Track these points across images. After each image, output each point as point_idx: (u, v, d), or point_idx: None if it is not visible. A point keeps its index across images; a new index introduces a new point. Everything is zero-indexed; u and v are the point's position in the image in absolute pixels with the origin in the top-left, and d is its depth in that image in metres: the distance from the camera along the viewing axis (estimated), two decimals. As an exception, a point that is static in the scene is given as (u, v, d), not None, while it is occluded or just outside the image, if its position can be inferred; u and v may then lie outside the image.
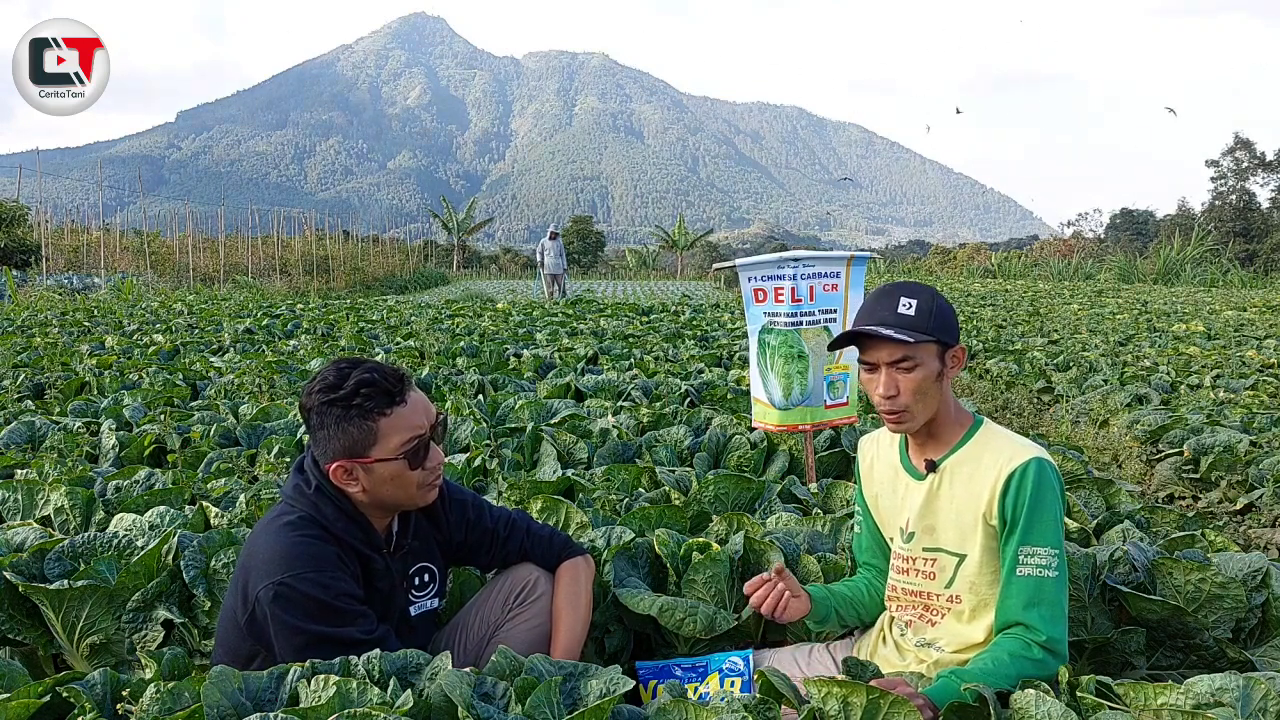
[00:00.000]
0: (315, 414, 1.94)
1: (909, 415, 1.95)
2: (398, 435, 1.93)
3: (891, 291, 1.96)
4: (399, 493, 1.98)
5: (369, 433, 1.92)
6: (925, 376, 1.92)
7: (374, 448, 1.92)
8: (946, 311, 1.95)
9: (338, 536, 1.94)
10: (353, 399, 1.90)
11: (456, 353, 7.91)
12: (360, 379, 1.92)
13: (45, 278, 19.62)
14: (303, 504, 1.96)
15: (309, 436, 1.99)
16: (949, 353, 1.96)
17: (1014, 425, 6.81)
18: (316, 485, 1.97)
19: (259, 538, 1.97)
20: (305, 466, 2.02)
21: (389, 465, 1.93)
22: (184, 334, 9.36)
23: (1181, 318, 14.51)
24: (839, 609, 2.17)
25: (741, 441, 4.13)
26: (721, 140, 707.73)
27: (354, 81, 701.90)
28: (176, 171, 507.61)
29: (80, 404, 5.09)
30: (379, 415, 1.92)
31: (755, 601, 2.04)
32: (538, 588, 2.20)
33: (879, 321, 1.92)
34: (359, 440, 1.92)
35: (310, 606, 1.82)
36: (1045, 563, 1.84)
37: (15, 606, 2.50)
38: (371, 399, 1.91)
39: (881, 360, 1.93)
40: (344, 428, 1.91)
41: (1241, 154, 47.26)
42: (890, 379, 1.93)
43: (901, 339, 1.89)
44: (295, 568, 1.84)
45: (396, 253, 41.23)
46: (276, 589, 1.82)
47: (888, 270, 38.57)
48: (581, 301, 17.42)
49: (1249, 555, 2.45)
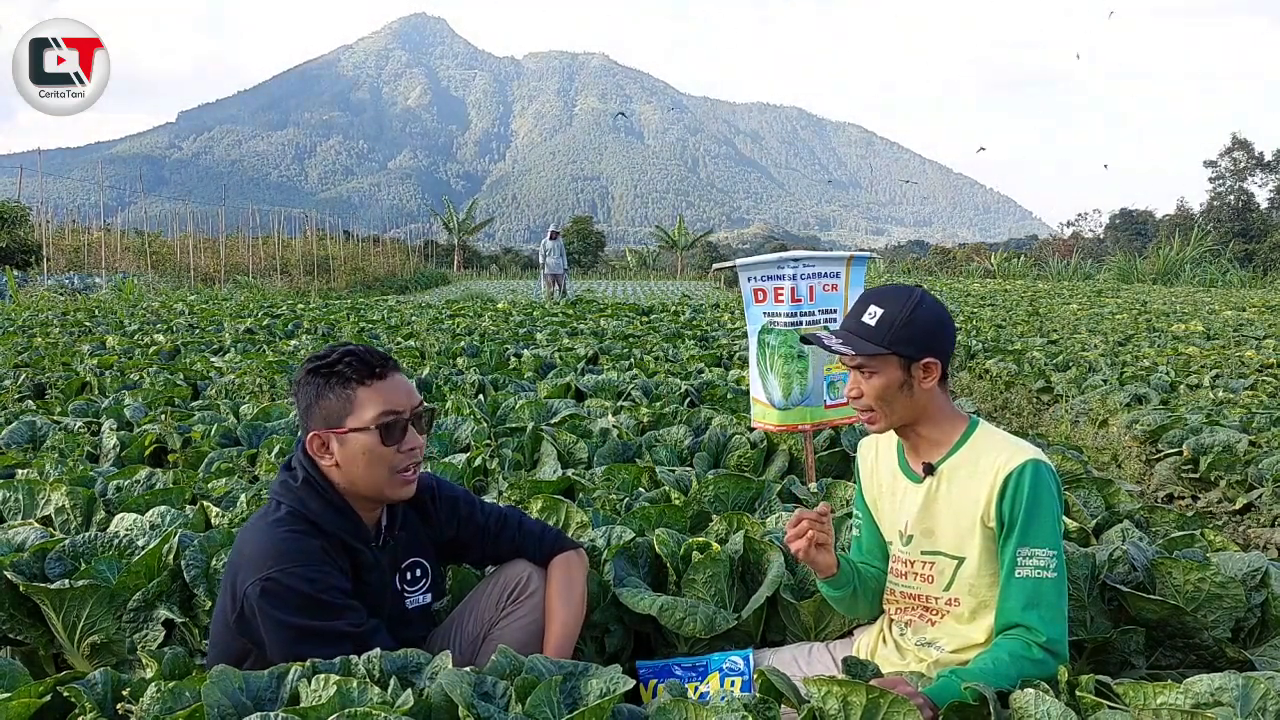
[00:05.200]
0: (300, 386, 1.97)
1: (875, 416, 2.00)
2: (374, 407, 1.95)
3: (868, 297, 1.99)
4: (371, 473, 1.96)
5: (346, 401, 1.94)
6: (886, 385, 1.95)
7: (349, 417, 1.94)
8: (920, 323, 1.93)
9: (324, 529, 1.95)
10: (335, 366, 1.95)
11: (457, 353, 7.91)
12: (345, 350, 1.97)
13: (46, 278, 19.64)
14: (289, 499, 1.97)
15: (298, 418, 2.00)
16: (916, 364, 1.95)
17: (1013, 425, 6.82)
18: (303, 478, 1.98)
19: (246, 535, 1.98)
20: (293, 462, 2.03)
21: (362, 437, 1.94)
22: (185, 334, 9.36)
23: (1181, 318, 14.50)
24: (857, 585, 2.14)
25: (741, 441, 4.14)
26: (721, 140, 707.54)
27: (355, 81, 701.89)
28: (177, 171, 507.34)
29: (81, 404, 5.09)
30: (357, 384, 1.95)
31: (790, 536, 2.01)
32: (530, 584, 2.19)
33: (845, 327, 1.99)
34: (335, 409, 1.94)
35: (298, 600, 1.83)
36: (1044, 564, 1.85)
37: (16, 606, 2.51)
38: (352, 367, 1.95)
39: (846, 362, 1.99)
40: (324, 395, 1.95)
41: (1240, 154, 47.26)
42: (855, 380, 1.99)
43: (841, 350, 1.95)
44: (281, 562, 1.85)
45: (397, 253, 41.24)
46: (264, 584, 1.83)
47: (887, 270, 38.56)
48: (582, 301, 17.41)
49: (1248, 555, 2.46)
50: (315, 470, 1.98)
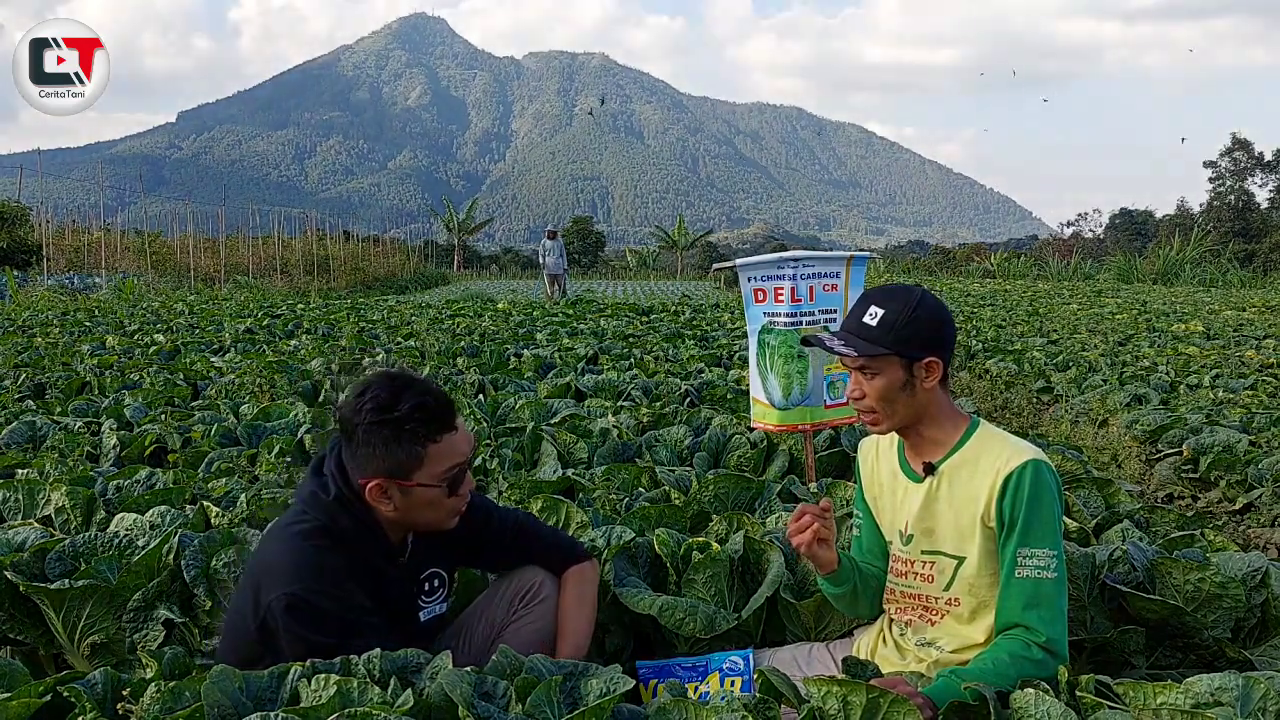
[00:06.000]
0: (362, 430, 1.89)
1: (878, 417, 1.99)
2: (444, 462, 1.92)
3: (868, 298, 1.99)
4: (430, 516, 1.98)
5: (416, 457, 1.90)
6: (888, 385, 1.94)
7: (418, 472, 1.91)
8: (921, 323, 1.93)
9: (351, 547, 1.93)
10: (406, 422, 1.88)
11: (457, 352, 7.91)
12: (415, 403, 1.88)
13: (46, 278, 19.64)
14: (318, 512, 1.94)
15: (345, 447, 1.95)
16: (918, 364, 1.94)
17: (1013, 425, 6.81)
18: (336, 495, 1.94)
19: (271, 543, 1.96)
20: (326, 471, 1.98)
21: (429, 491, 1.93)
22: (185, 334, 9.36)
23: (1181, 318, 14.50)
24: (858, 583, 2.13)
25: (741, 441, 4.14)
26: (721, 140, 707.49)
27: (355, 81, 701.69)
28: (177, 171, 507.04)
29: (81, 404, 5.09)
30: (429, 441, 1.90)
31: (792, 530, 2.00)
32: (543, 590, 2.20)
33: (846, 327, 1.98)
34: (404, 463, 1.90)
35: (322, 619, 1.83)
36: (1044, 564, 1.84)
37: (16, 606, 2.51)
38: (425, 425, 1.89)
39: (848, 363, 1.98)
40: (391, 449, 1.89)
41: (1240, 154, 47.26)
42: (857, 381, 1.99)
43: (843, 352, 1.93)
44: (308, 579, 1.84)
45: (397, 253, 41.26)
46: (289, 600, 1.82)
47: (887, 270, 38.54)
48: (582, 301, 17.42)
49: (1248, 555, 2.46)
50: (354, 494, 1.94)
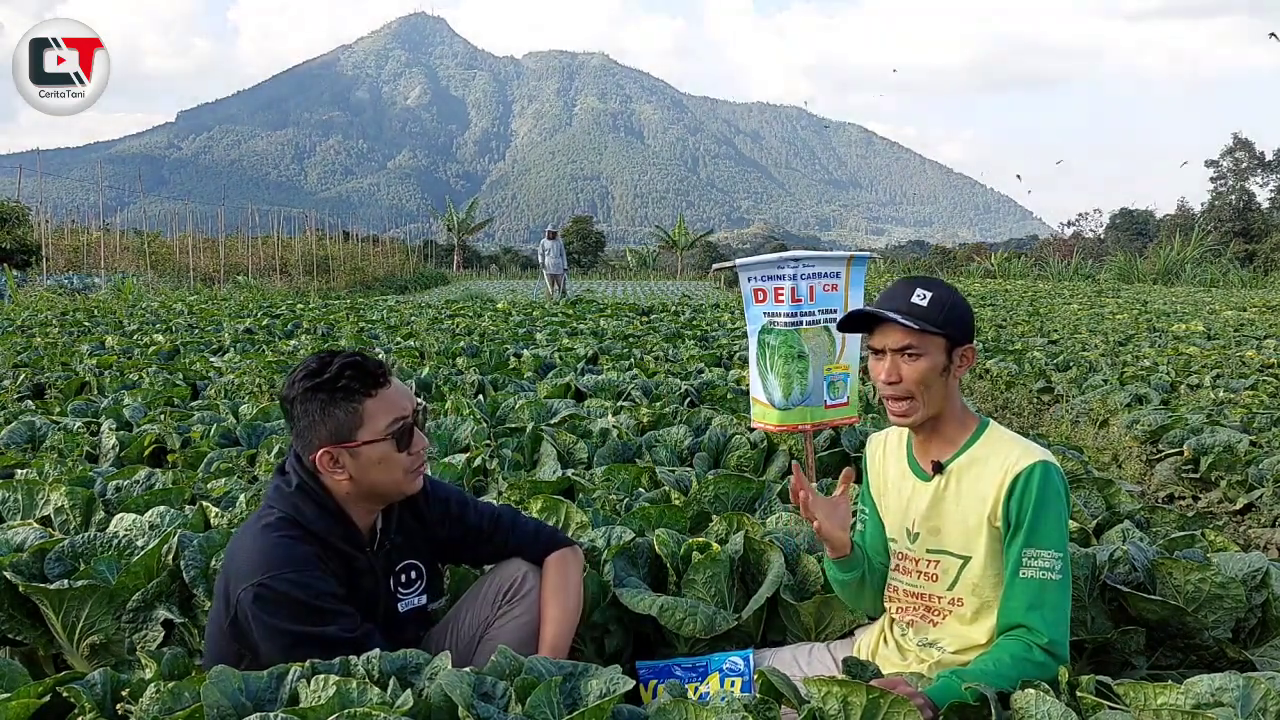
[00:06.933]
0: (299, 403, 1.93)
1: (913, 405, 1.94)
2: (384, 416, 1.94)
3: (911, 281, 1.97)
4: (386, 478, 1.97)
5: (355, 414, 1.92)
6: (930, 368, 1.92)
7: (360, 430, 1.93)
8: (961, 309, 1.95)
9: (318, 535, 1.94)
10: (338, 381, 1.91)
11: (456, 352, 7.91)
12: (344, 362, 1.93)
13: (45, 278, 19.63)
14: (282, 504, 1.96)
15: (290, 431, 1.98)
16: (958, 350, 1.95)
17: (1014, 425, 6.81)
18: (297, 484, 1.97)
19: (239, 540, 1.97)
20: (287, 467, 2.02)
21: (377, 447, 1.93)
22: (184, 334, 9.35)
23: (1181, 318, 14.50)
24: (866, 572, 2.13)
25: (741, 441, 4.14)
26: (721, 140, 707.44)
27: (354, 81, 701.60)
28: (177, 171, 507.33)
29: (80, 404, 5.08)
30: (365, 396, 1.93)
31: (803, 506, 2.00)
32: (526, 583, 2.18)
33: (892, 308, 1.93)
34: (345, 423, 1.92)
35: (291, 607, 1.83)
36: (1049, 565, 1.84)
37: (15, 606, 2.50)
38: (357, 379, 1.92)
39: (888, 346, 1.94)
40: (329, 412, 1.91)
41: (1241, 154, 47.26)
42: (894, 365, 1.93)
43: (908, 325, 1.89)
44: (274, 568, 1.84)
45: (396, 253, 41.24)
46: (256, 590, 1.82)
47: (887, 270, 38.54)
48: (581, 301, 17.41)
49: (1249, 555, 2.46)
50: (311, 478, 1.97)
